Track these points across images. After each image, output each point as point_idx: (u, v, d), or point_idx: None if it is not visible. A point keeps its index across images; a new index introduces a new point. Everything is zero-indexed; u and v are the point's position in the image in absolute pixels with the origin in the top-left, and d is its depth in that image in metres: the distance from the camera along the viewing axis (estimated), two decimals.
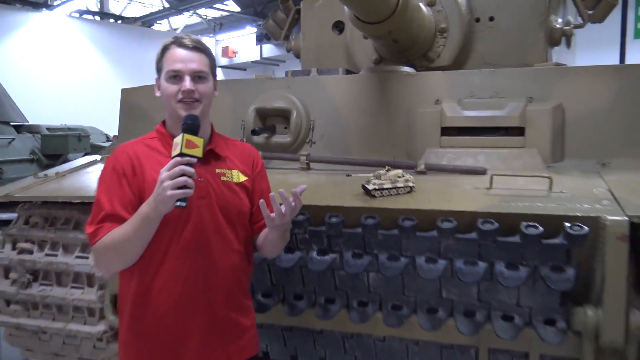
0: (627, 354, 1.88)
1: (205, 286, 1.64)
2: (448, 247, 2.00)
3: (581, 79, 2.69)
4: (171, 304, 1.62)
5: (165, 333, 1.64)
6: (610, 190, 2.09)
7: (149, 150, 1.70)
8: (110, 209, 1.59)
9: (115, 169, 1.65)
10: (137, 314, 1.66)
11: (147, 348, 1.65)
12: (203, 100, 1.69)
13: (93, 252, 1.66)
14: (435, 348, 2.22)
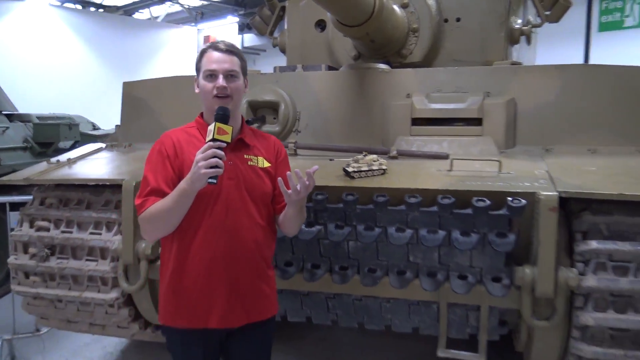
0: (557, 304, 2.32)
1: (231, 254, 1.96)
2: (414, 218, 2.41)
3: (531, 76, 3.12)
4: (203, 267, 1.95)
5: (198, 291, 1.96)
6: (548, 171, 2.51)
7: (188, 137, 2.02)
8: (155, 185, 1.92)
9: (160, 151, 1.98)
10: (175, 275, 1.98)
11: (183, 304, 1.98)
12: (234, 96, 1.97)
13: (140, 220, 1.97)
14: (403, 304, 2.65)
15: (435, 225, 2.38)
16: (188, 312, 1.98)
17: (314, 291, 2.72)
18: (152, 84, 3.88)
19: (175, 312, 2.00)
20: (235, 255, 1.96)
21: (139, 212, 1.93)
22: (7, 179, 3.17)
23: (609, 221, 2.34)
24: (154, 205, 1.89)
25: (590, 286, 2.26)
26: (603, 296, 2.28)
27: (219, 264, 1.95)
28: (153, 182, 1.92)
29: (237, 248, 1.96)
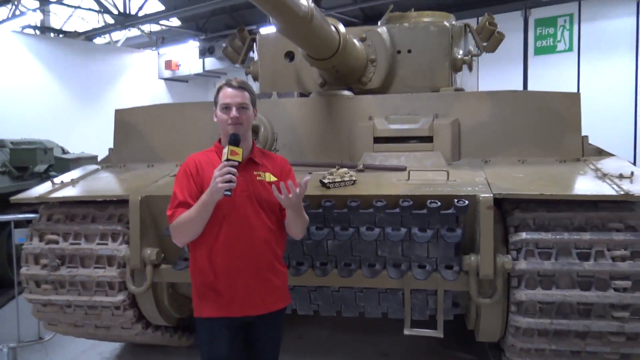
0: (497, 284, 2.89)
1: (247, 253, 2.39)
2: (380, 219, 2.94)
3: (470, 100, 3.75)
4: (225, 265, 2.38)
5: (222, 285, 2.39)
6: (486, 178, 3.11)
7: (207, 159, 2.48)
8: (182, 198, 2.37)
9: (185, 171, 2.44)
10: (202, 273, 2.42)
11: (211, 297, 2.41)
12: (245, 124, 2.44)
13: (171, 228, 2.40)
14: (374, 293, 3.17)
15: (398, 224, 2.92)
16: (214, 304, 2.42)
17: (299, 285, 3.22)
18: (142, 111, 4.33)
19: (203, 305, 2.44)
20: (251, 253, 2.41)
21: (171, 221, 2.38)
22: (20, 198, 3.54)
23: (534, 216, 2.95)
24: (182, 215, 2.34)
25: (522, 269, 2.84)
26: (532, 276, 2.87)
27: (237, 261, 2.40)
28: (180, 197, 2.38)
29: (251, 247, 2.41)
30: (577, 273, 2.82)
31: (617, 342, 2.85)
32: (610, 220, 2.89)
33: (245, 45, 5.38)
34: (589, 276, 2.82)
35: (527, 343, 2.95)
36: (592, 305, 2.81)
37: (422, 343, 4.24)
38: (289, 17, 2.77)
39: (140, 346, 4.30)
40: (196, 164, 2.46)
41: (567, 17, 10.30)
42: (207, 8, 11.37)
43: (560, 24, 10.38)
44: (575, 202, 2.93)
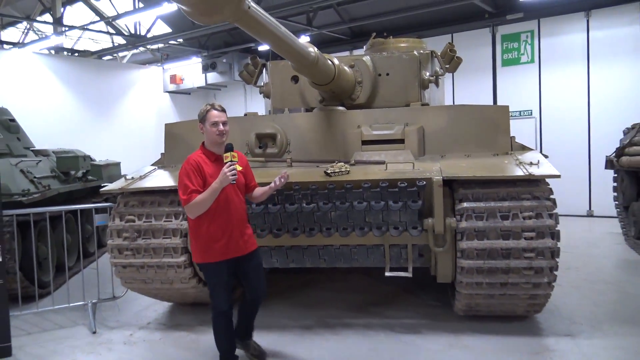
0: (447, 238, 4.26)
1: (233, 216, 3.68)
2: (367, 196, 4.29)
3: (431, 112, 5.13)
4: (221, 226, 3.65)
5: (220, 239, 3.67)
6: (440, 167, 4.47)
7: (201, 159, 3.69)
8: (194, 187, 3.59)
9: (192, 168, 3.62)
10: (207, 232, 3.67)
11: (214, 247, 3.68)
12: (226, 134, 3.76)
13: (188, 207, 3.59)
14: (364, 249, 4.53)
15: (379, 198, 4.27)
16: (217, 252, 3.71)
17: (311, 245, 4.57)
18: (184, 124, 5.67)
19: (210, 253, 3.72)
20: (235, 216, 3.74)
21: (187, 203, 3.56)
22: (107, 190, 4.87)
23: (472, 192, 4.31)
24: (197, 197, 3.55)
25: (463, 227, 4.20)
26: (471, 232, 4.22)
27: (228, 222, 3.71)
28: (192, 186, 3.58)
29: (234, 213, 3.74)
30: (500, 229, 4.18)
31: (529, 274, 4.21)
32: (522, 193, 4.27)
33: (258, 70, 6.75)
34: (508, 230, 4.18)
35: (470, 278, 4.30)
36: (511, 249, 4.17)
37: (408, 298, 5.62)
38: (302, 62, 4.15)
39: (186, 307, 5.60)
40: (197, 163, 3.68)
41: (529, 32, 11.72)
42: (210, 30, 12.67)
43: (523, 39, 11.79)
44: (500, 181, 4.30)
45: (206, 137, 3.79)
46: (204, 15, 2.53)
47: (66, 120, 13.92)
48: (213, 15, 2.54)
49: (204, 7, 2.42)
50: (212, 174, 3.67)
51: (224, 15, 2.58)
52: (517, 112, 11.93)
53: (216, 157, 3.78)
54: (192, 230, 3.80)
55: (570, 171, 11.16)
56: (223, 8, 2.49)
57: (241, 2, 2.56)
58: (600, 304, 5.30)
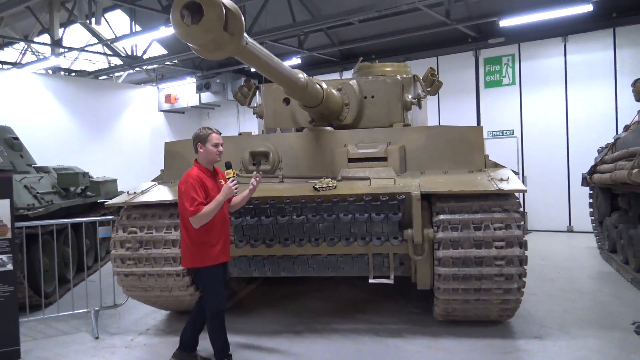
0: (424, 247, 4.66)
1: (225, 225, 4.20)
2: (352, 208, 4.69)
3: (412, 133, 5.56)
4: (217, 232, 4.11)
5: (217, 244, 4.11)
6: (419, 183, 4.88)
7: (201, 175, 4.12)
8: (200, 200, 4.00)
9: (196, 183, 4.03)
10: (207, 239, 4.09)
11: (213, 253, 4.11)
12: (222, 155, 4.25)
13: (195, 218, 3.97)
14: (349, 258, 4.92)
15: (362, 211, 4.67)
16: (216, 255, 4.14)
17: (301, 254, 4.95)
18: (183, 143, 6.03)
19: (211, 257, 4.13)
20: (226, 225, 4.26)
21: (194, 214, 3.96)
22: (111, 203, 5.23)
23: (448, 205, 4.73)
24: (204, 209, 3.98)
25: (440, 237, 4.60)
26: (447, 242, 4.62)
27: (222, 230, 4.19)
28: (199, 199, 3.99)
29: (226, 222, 4.25)
30: (473, 239, 4.59)
31: (499, 280, 4.61)
32: (493, 206, 4.68)
33: (251, 92, 7.19)
34: (480, 240, 4.58)
35: (447, 285, 4.68)
36: (483, 258, 4.57)
37: (392, 306, 5.99)
38: (293, 87, 4.58)
39: (182, 315, 5.93)
40: (200, 179, 4.11)
41: (510, 56, 12.28)
42: None
43: (505, 62, 12.35)
44: (473, 195, 4.72)
45: (204, 156, 4.23)
46: (210, 53, 2.94)
47: (63, 138, 14.26)
48: (217, 52, 2.95)
49: (211, 47, 2.83)
50: (212, 188, 4.15)
51: (227, 52, 2.99)
52: (499, 132, 12.46)
53: (211, 173, 4.26)
54: (191, 238, 4.15)
55: (550, 188, 11.78)
56: (225, 47, 2.90)
57: (241, 40, 2.97)
58: (571, 311, 5.70)
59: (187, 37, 2.71)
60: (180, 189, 4.10)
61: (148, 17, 13.28)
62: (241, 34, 2.93)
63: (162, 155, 6.10)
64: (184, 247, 4.23)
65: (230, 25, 2.82)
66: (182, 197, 4.05)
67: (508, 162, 11.86)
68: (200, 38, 2.69)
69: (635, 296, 6.21)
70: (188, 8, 2.61)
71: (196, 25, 2.61)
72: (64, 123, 14.52)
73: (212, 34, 2.67)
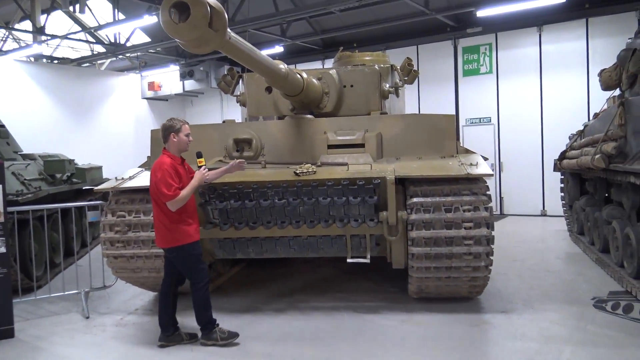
0: (399, 228, 4.96)
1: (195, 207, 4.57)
2: (331, 192, 4.97)
3: (389, 121, 5.85)
4: (191, 213, 4.45)
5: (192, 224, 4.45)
6: (394, 168, 5.17)
7: (173, 162, 4.41)
8: (176, 185, 4.29)
9: (171, 170, 4.32)
10: (184, 220, 4.40)
11: (191, 230, 4.43)
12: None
13: (174, 201, 4.27)
14: (328, 239, 5.22)
15: (340, 194, 4.96)
16: (194, 233, 4.48)
17: (283, 236, 5.23)
18: None
19: (190, 235, 4.46)
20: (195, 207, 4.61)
21: (172, 198, 4.26)
22: (100, 188, 5.45)
23: (421, 189, 5.03)
24: (181, 193, 4.29)
25: (413, 219, 4.91)
26: (419, 223, 4.92)
27: (194, 212, 4.55)
28: (174, 184, 4.29)
29: (195, 205, 4.61)
30: (444, 220, 4.90)
31: (468, 259, 4.94)
32: (463, 189, 4.99)
33: (234, 81, 7.40)
34: (451, 221, 4.90)
35: (420, 263, 5.00)
36: (453, 238, 4.89)
37: (370, 285, 6.31)
38: (274, 77, 4.82)
39: None
40: (173, 165, 4.41)
41: (487, 45, 12.61)
42: None
43: (482, 51, 12.67)
44: (444, 180, 5.03)
45: (176, 145, 4.55)
46: (196, 47, 3.18)
47: (47, 126, 14.31)
48: (202, 47, 3.19)
49: (196, 42, 3.07)
50: (183, 175, 4.50)
51: (211, 47, 3.23)
52: (477, 119, 12.83)
53: (181, 160, 4.60)
54: (170, 219, 4.42)
55: (525, 174, 12.21)
56: (210, 42, 3.14)
57: (224, 36, 3.21)
58: (536, 288, 6.07)
59: (175, 33, 2.94)
60: (156, 175, 4.37)
61: (131, 5, 13.35)
62: (225, 30, 3.17)
63: (146, 143, 6.32)
64: (163, 229, 4.48)
65: (214, 22, 3.06)
66: (159, 184, 4.32)
67: (485, 148, 12.38)
68: (187, 35, 2.93)
69: (598, 274, 6.61)
70: (176, 7, 2.84)
71: (184, 23, 2.85)
72: (47, 111, 14.55)
73: (199, 31, 2.91)
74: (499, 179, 12.60)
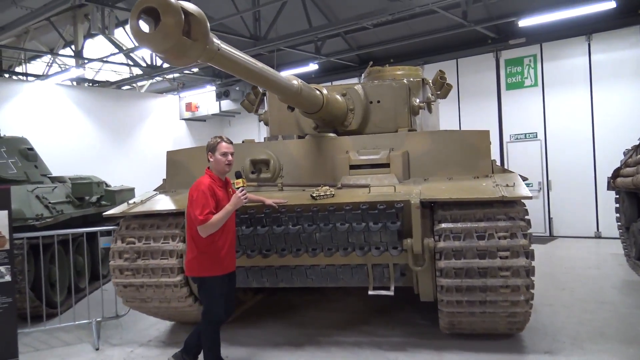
0: (425, 257, 4.46)
1: (232, 236, 4.21)
2: (349, 217, 4.53)
3: (416, 138, 5.37)
4: (224, 242, 4.12)
5: (224, 255, 4.11)
6: (420, 190, 4.69)
7: (211, 183, 4.12)
8: (210, 208, 3.98)
9: (207, 191, 4.03)
10: (215, 249, 4.08)
11: (217, 263, 4.11)
12: (232, 164, 4.21)
13: (204, 227, 3.98)
14: (348, 268, 4.76)
15: (360, 220, 4.51)
16: (222, 266, 4.16)
17: (299, 265, 4.81)
18: (185, 151, 6.00)
19: (216, 267, 4.13)
20: (233, 235, 4.26)
21: (204, 222, 3.96)
22: (109, 213, 5.20)
23: (451, 213, 4.52)
24: (213, 218, 3.97)
25: (441, 247, 4.40)
26: (448, 252, 4.41)
27: (231, 240, 4.18)
28: (208, 208, 3.99)
29: (233, 232, 4.27)
30: (476, 248, 4.37)
31: (505, 292, 4.37)
32: (498, 214, 4.45)
33: (258, 99, 7.11)
34: (484, 250, 4.36)
35: (450, 297, 4.47)
36: (487, 268, 4.35)
37: (399, 317, 5.80)
38: (285, 93, 4.46)
39: (187, 326, 5.85)
40: (212, 188, 4.10)
41: (532, 57, 11.91)
42: None
43: (526, 63, 11.98)
44: (477, 203, 4.50)
45: (213, 165, 4.24)
46: (176, 59, 2.85)
47: (87, 148, 14.52)
48: (182, 58, 2.86)
49: (173, 53, 2.74)
50: (223, 198, 4.16)
51: (192, 58, 2.90)
52: (522, 135, 12.11)
53: (223, 182, 4.29)
54: (199, 247, 4.14)
55: (576, 192, 11.37)
56: (189, 53, 2.80)
57: (205, 45, 2.87)
58: (586, 323, 5.39)
59: (147, 43, 2.62)
60: (191, 195, 4.11)
61: None
62: (205, 39, 2.82)
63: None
64: (190, 256, 4.21)
65: (193, 30, 2.73)
66: (193, 205, 4.04)
67: (531, 165, 11.64)
68: (159, 45, 2.60)
69: None
70: (149, 14, 2.52)
71: (153, 32, 2.53)
72: (87, 133, 14.78)
73: (171, 41, 2.58)
74: (547, 198, 11.79)
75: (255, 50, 11.75)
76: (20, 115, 13.26)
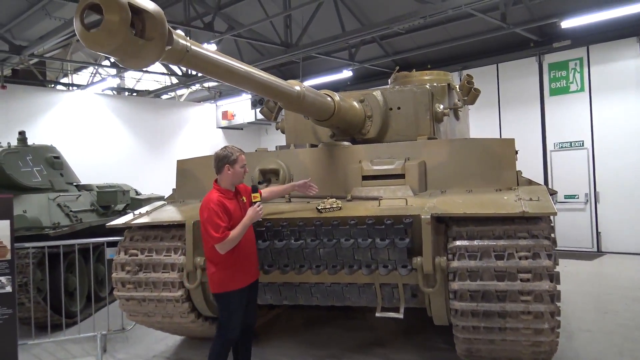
0: (436, 277, 4.06)
1: (252, 247, 3.98)
2: (354, 232, 4.19)
3: (433, 147, 4.98)
4: (244, 255, 3.90)
5: (244, 268, 3.92)
6: (435, 203, 4.30)
7: (222, 197, 3.91)
8: (225, 225, 3.78)
9: (219, 207, 3.82)
10: (235, 263, 3.88)
11: (239, 277, 3.91)
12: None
13: (223, 244, 3.77)
14: (354, 287, 4.41)
15: (365, 235, 4.16)
16: (241, 279, 3.96)
17: (302, 282, 4.50)
18: (195, 160, 5.82)
19: (236, 281, 3.93)
20: (253, 246, 4.00)
21: (221, 241, 3.76)
22: (112, 224, 5.06)
23: (466, 229, 4.11)
24: (231, 234, 3.78)
25: (455, 267, 3.99)
26: (463, 272, 4.00)
27: (250, 252, 3.96)
28: (223, 225, 3.78)
29: (252, 243, 4.02)
30: (494, 269, 3.94)
31: (527, 319, 3.91)
32: (519, 231, 4.01)
33: (277, 106, 6.87)
34: (502, 271, 3.93)
35: (465, 322, 4.04)
36: (506, 292, 3.91)
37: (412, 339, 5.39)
38: (285, 99, 4.18)
39: (195, 341, 5.66)
40: (222, 202, 3.88)
41: (577, 60, 11.20)
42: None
43: (572, 67, 11.26)
44: (496, 218, 4.07)
45: (230, 177, 4.05)
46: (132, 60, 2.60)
47: (124, 157, 14.76)
48: (137, 60, 2.62)
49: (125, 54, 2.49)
50: (234, 209, 3.97)
51: (149, 59, 2.65)
52: (567, 143, 11.41)
53: (233, 194, 4.08)
54: (216, 265, 3.95)
55: (627, 204, 10.57)
56: (144, 54, 2.56)
57: (163, 45, 2.61)
58: (627, 354, 4.83)
59: (92, 43, 2.38)
60: (202, 215, 3.91)
61: (202, 35, 13.46)
62: (163, 39, 2.57)
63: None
64: (210, 273, 4.04)
65: (148, 29, 2.48)
66: (206, 225, 3.85)
67: (578, 175, 10.90)
68: (105, 44, 2.36)
69: None
70: (97, 12, 2.30)
71: (95, 30, 2.30)
72: (125, 142, 15.03)
73: (117, 40, 2.33)
74: (595, 210, 11.00)
75: (286, 57, 11.57)
76: (59, 124, 13.61)
